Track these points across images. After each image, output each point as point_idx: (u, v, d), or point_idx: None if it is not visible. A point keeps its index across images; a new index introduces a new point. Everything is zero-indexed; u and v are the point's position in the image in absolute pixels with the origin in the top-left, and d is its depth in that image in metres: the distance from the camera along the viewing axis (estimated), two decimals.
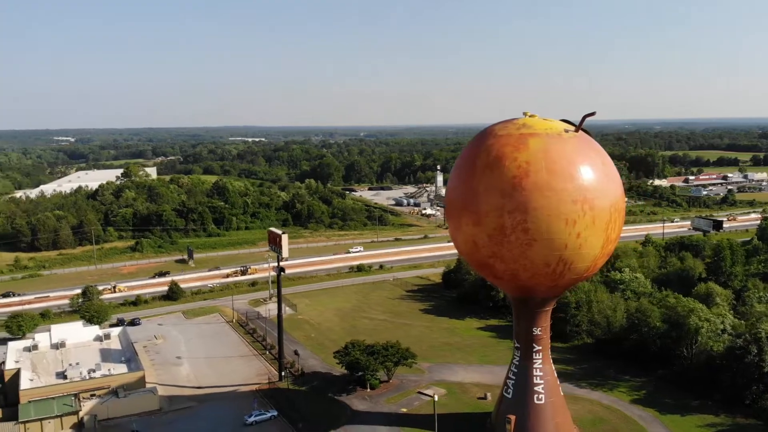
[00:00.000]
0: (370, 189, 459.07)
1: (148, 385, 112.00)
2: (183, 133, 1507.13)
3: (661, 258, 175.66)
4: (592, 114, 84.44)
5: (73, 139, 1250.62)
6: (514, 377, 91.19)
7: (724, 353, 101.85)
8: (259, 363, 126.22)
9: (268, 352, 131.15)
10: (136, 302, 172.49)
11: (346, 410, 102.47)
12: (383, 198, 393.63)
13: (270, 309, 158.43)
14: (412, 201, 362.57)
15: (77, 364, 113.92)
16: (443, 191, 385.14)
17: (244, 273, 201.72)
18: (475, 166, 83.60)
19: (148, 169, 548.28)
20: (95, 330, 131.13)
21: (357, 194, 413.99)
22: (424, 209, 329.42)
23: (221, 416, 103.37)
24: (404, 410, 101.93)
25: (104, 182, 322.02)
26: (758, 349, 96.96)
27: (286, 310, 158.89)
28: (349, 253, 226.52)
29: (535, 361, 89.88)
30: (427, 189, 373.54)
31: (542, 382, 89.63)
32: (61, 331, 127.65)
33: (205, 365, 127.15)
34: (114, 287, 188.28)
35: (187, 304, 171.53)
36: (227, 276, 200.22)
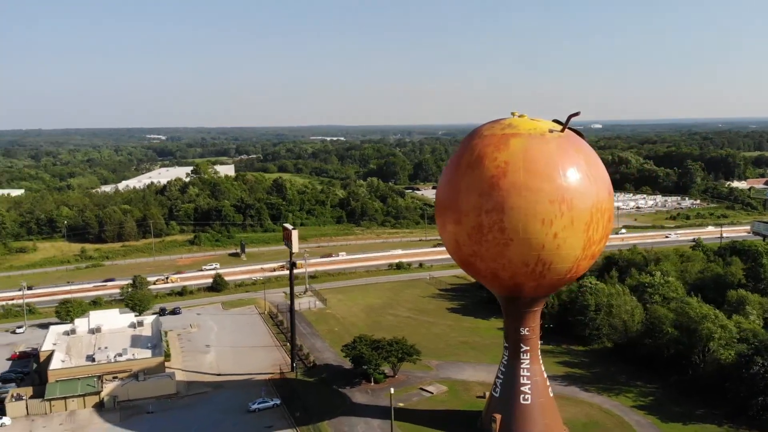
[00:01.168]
0: (434, 188, 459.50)
1: (168, 371, 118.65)
2: (268, 132, 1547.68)
3: (709, 262, 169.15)
4: (577, 114, 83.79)
5: (164, 138, 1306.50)
6: (502, 377, 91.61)
7: (733, 363, 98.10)
8: (278, 354, 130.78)
9: (288, 344, 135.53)
10: (182, 293, 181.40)
11: (346, 402, 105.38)
12: None
13: (302, 302, 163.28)
14: None
15: (105, 348, 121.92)
16: None
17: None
18: (459, 166, 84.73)
19: (226, 167, 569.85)
20: (130, 317, 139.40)
21: (419, 193, 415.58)
22: None
23: (230, 402, 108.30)
24: (401, 405, 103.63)
25: (173, 179, 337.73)
26: (764, 360, 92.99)
27: (317, 304, 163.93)
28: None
29: (522, 361, 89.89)
30: None
31: (529, 382, 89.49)
32: (99, 317, 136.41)
33: (229, 354, 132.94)
34: (167, 278, 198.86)
35: (229, 295, 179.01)
36: (274, 270, 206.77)
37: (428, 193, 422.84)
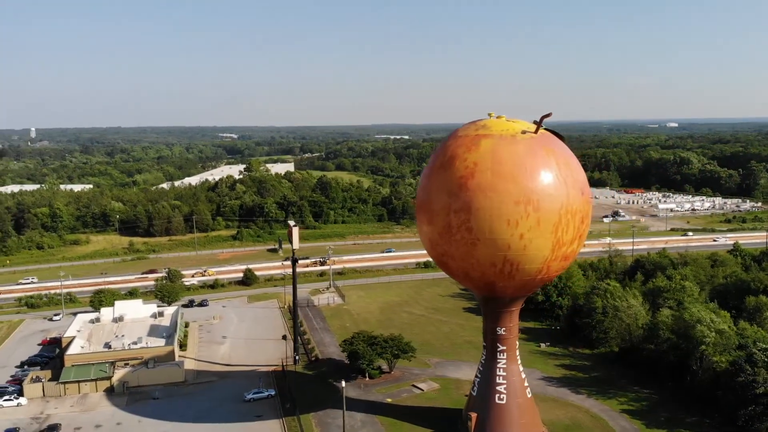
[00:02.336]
0: None
1: (181, 360, 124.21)
2: (334, 131, 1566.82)
3: (744, 268, 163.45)
4: (549, 115, 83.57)
5: (236, 136, 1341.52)
6: (479, 376, 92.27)
7: (725, 370, 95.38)
8: (287, 347, 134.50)
9: (299, 337, 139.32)
10: (214, 285, 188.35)
11: (334, 396, 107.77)
12: None
13: (322, 298, 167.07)
14: None
15: (123, 336, 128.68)
16: None
17: (323, 264, 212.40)
18: (433, 166, 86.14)
19: (286, 165, 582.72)
20: (153, 308, 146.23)
21: None
22: None
23: (230, 392, 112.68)
24: (389, 400, 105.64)
25: (225, 176, 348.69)
26: (752, 369, 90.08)
27: (335, 300, 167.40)
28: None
29: (499, 360, 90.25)
30: None
31: (505, 382, 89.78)
32: (123, 307, 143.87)
33: (242, 345, 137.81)
34: (204, 271, 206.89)
35: (258, 289, 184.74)
36: (307, 266, 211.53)
37: None
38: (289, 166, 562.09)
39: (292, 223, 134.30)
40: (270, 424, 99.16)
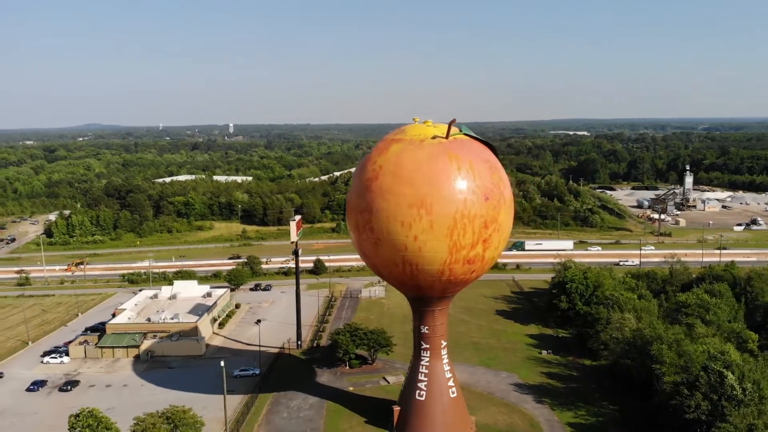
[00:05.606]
0: (633, 188, 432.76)
1: (209, 336, 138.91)
2: (508, 126, 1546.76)
3: None
4: (453, 121, 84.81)
5: None
6: (408, 371, 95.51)
7: (670, 392, 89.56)
8: (306, 332, 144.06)
9: (321, 324, 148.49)
10: (287, 273, 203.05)
11: (309, 380, 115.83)
12: (633, 198, 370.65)
13: (371, 291, 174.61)
14: (646, 202, 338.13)
15: (163, 311, 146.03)
16: (691, 195, 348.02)
17: None
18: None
19: None
20: (205, 288, 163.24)
21: (609, 193, 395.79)
22: (658, 213, 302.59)
23: (230, 367, 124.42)
24: (351, 389, 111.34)
25: (345, 172, 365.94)
26: (690, 392, 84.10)
27: (378, 293, 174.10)
28: None
29: (422, 358, 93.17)
30: (676, 191, 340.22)
31: (426, 379, 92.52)
32: (180, 286, 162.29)
33: (273, 328, 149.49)
34: (291, 259, 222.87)
35: (324, 278, 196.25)
36: None
37: (618, 194, 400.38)
38: None
39: (298, 217, 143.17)
40: (236, 398, 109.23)
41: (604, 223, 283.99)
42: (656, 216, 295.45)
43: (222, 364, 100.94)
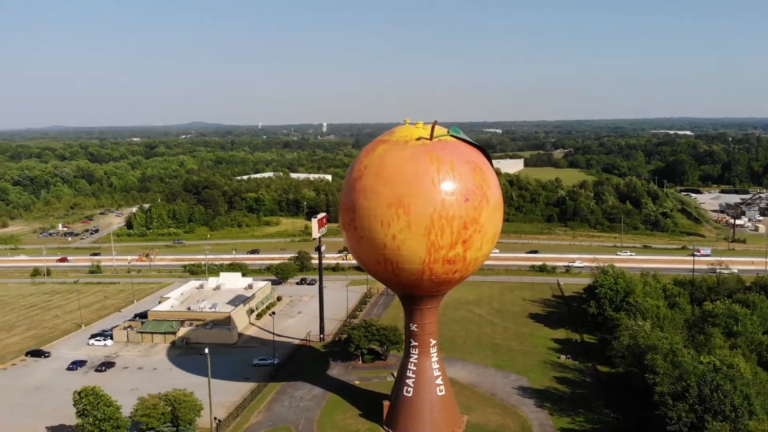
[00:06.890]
0: (721, 191, 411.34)
1: (243, 326, 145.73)
2: (606, 125, 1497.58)
3: None
4: (435, 122, 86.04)
5: (500, 131, 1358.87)
6: (398, 368, 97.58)
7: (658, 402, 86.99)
8: (331, 326, 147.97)
9: (349, 320, 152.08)
10: (335, 268, 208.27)
11: (320, 372, 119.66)
12: (718, 203, 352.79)
13: None
14: (724, 205, 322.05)
15: (203, 301, 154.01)
16: None
17: None
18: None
19: (514, 161, 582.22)
20: (248, 281, 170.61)
21: (694, 197, 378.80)
22: (732, 218, 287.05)
23: (253, 356, 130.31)
24: (357, 382, 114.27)
25: None
26: (673, 403, 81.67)
27: None
28: None
29: (411, 355, 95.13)
30: (762, 195, 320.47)
31: (414, 376, 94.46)
32: (225, 278, 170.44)
33: (307, 320, 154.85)
34: (346, 255, 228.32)
35: (368, 275, 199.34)
36: None
37: (705, 197, 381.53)
38: (517, 164, 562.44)
39: (321, 214, 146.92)
40: (248, 386, 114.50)
41: (677, 227, 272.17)
42: (742, 221, 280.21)
43: (206, 351, 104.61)
